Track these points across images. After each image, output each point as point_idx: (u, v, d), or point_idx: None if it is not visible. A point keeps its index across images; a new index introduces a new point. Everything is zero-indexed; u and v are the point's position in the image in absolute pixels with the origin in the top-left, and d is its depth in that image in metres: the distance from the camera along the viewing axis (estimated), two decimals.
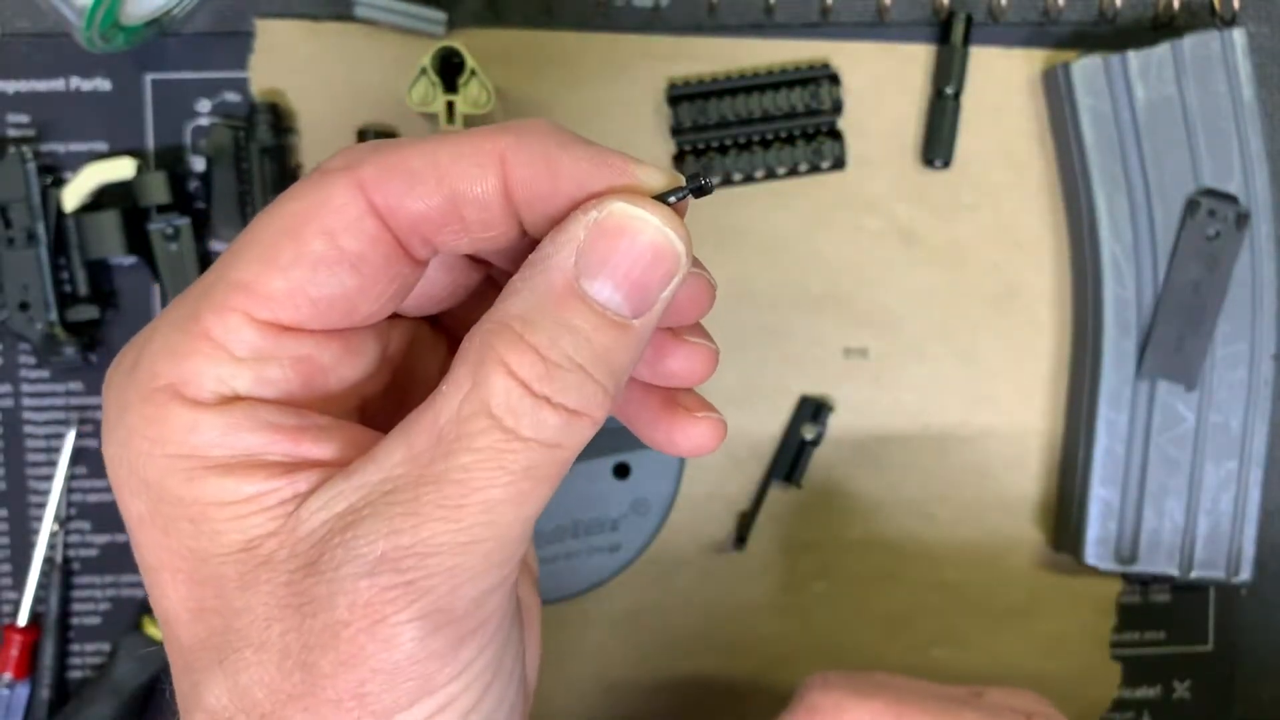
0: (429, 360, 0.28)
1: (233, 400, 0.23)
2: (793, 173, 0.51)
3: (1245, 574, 0.50)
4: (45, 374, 0.51)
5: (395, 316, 0.27)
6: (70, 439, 0.51)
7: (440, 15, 0.50)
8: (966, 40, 0.51)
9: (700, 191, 0.23)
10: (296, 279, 0.23)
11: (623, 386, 0.24)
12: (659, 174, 0.24)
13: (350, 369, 0.25)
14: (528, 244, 0.24)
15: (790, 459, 0.52)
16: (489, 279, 0.28)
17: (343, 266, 0.23)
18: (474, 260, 0.27)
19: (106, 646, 0.52)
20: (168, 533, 0.23)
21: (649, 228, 0.23)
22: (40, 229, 0.49)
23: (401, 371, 0.28)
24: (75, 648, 0.52)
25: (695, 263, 0.25)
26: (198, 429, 0.23)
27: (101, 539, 0.52)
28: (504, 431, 0.22)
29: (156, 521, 0.23)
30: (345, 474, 0.23)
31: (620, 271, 0.23)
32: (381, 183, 0.23)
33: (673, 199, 0.23)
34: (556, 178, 0.23)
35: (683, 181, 0.24)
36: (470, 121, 0.46)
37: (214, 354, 0.23)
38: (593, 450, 0.41)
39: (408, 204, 0.23)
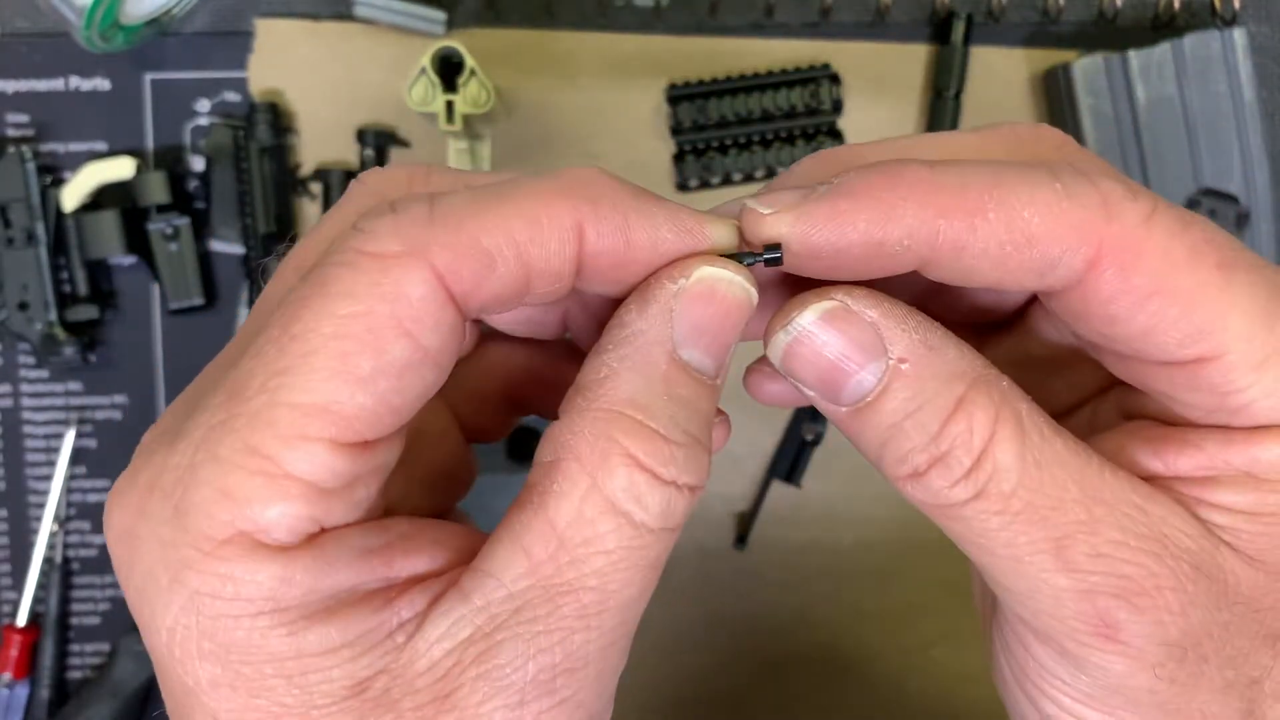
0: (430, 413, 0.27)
1: (320, 535, 0.21)
2: None
3: None
4: (45, 374, 0.51)
5: None
6: (70, 439, 0.51)
7: (440, 15, 0.50)
8: (966, 40, 0.51)
9: (771, 262, 0.22)
10: (382, 392, 0.20)
11: None
12: (727, 228, 0.22)
13: (401, 448, 0.23)
14: (582, 298, 0.24)
15: (790, 459, 0.52)
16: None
17: (427, 366, 0.21)
18: None
19: (106, 646, 0.52)
20: (256, 694, 0.20)
21: (736, 289, 0.22)
22: (40, 229, 0.49)
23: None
24: (75, 648, 0.52)
25: None
26: (290, 579, 0.20)
27: (101, 539, 0.52)
28: (634, 527, 0.21)
29: (239, 685, 0.20)
30: (461, 596, 0.21)
31: (711, 335, 0.22)
32: (458, 269, 0.20)
33: (747, 262, 0.22)
34: (632, 246, 0.22)
35: (743, 233, 0.23)
36: (470, 121, 0.46)
37: (299, 492, 0.20)
38: None
39: (486, 289, 0.21)
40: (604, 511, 0.21)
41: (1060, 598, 0.21)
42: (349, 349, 0.20)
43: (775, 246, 0.22)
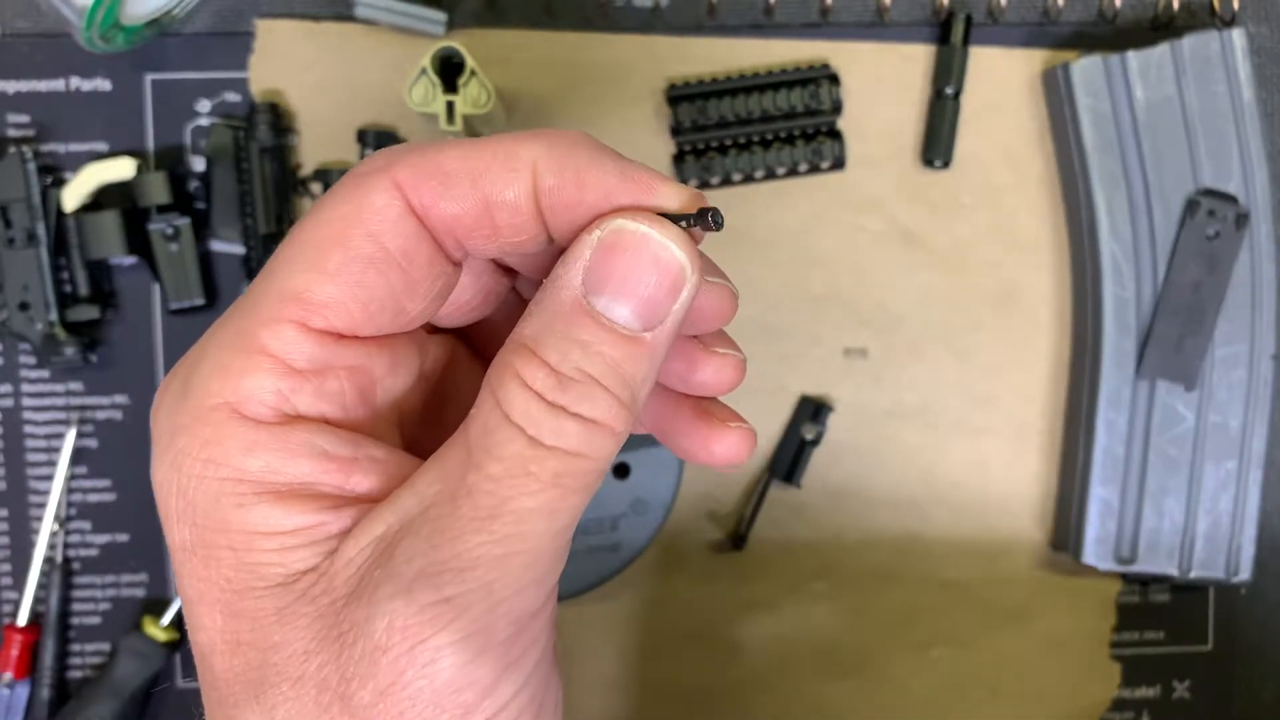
0: (464, 378, 0.28)
1: (293, 420, 0.23)
2: (793, 173, 0.52)
3: (1245, 574, 0.50)
4: (45, 374, 0.51)
5: (430, 330, 0.27)
6: (70, 439, 0.51)
7: (440, 15, 0.50)
8: (966, 40, 0.51)
9: (708, 227, 0.23)
10: (347, 282, 0.23)
11: (641, 398, 0.24)
12: (680, 192, 0.24)
13: (395, 380, 0.25)
14: (555, 251, 0.25)
15: (790, 459, 0.52)
16: (516, 291, 0.28)
17: (390, 266, 0.23)
18: (502, 267, 0.28)
19: (106, 646, 0.52)
20: (208, 564, 0.23)
21: (650, 243, 0.23)
22: (40, 229, 0.49)
23: (437, 388, 0.28)
24: (75, 647, 0.52)
25: (715, 270, 0.26)
26: (255, 450, 0.23)
27: (101, 539, 0.52)
28: (528, 440, 0.22)
29: (199, 551, 0.23)
30: (386, 504, 0.23)
31: (624, 285, 0.23)
32: (417, 184, 0.23)
33: (681, 224, 0.24)
34: (583, 189, 0.23)
35: (704, 199, 0.24)
36: (470, 121, 0.46)
37: (273, 368, 0.23)
38: None
39: (443, 205, 0.23)
40: (502, 423, 0.22)
41: None
42: (321, 246, 0.23)
43: (713, 209, 0.23)
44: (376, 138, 0.51)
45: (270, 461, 0.23)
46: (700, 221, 0.24)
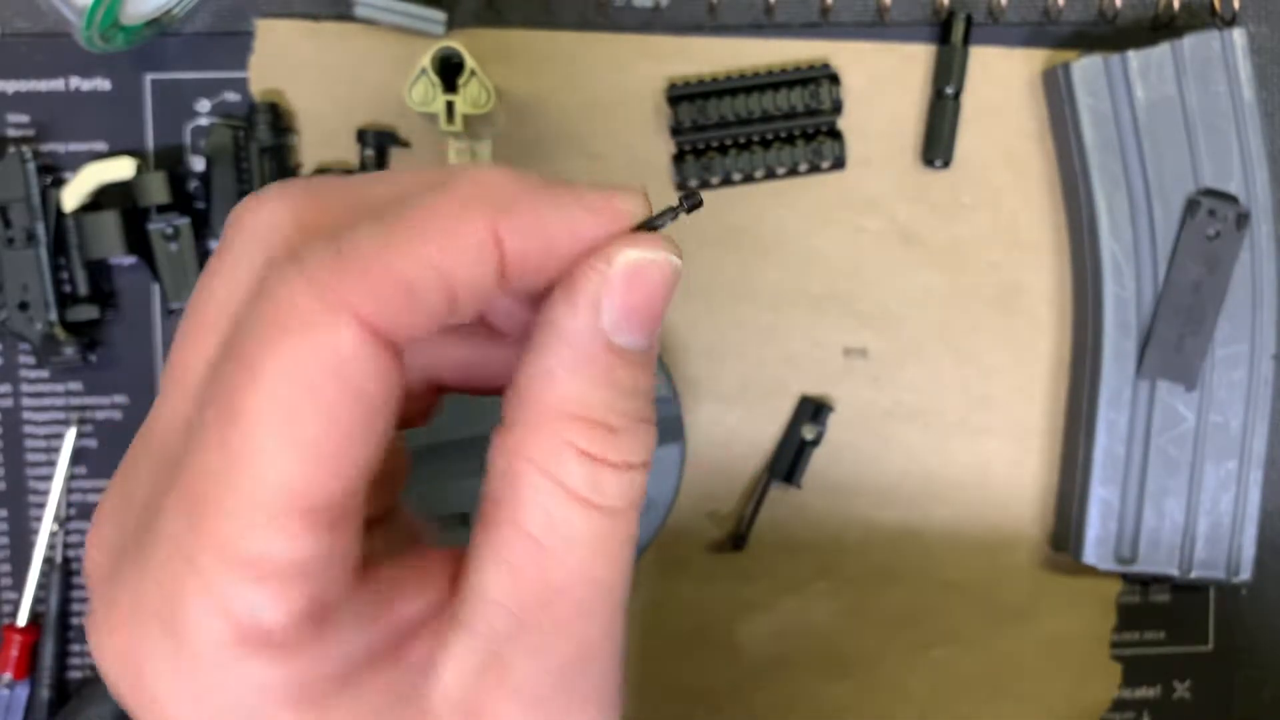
0: None
1: (319, 611, 0.20)
2: (793, 173, 0.51)
3: (1245, 574, 0.50)
4: (45, 374, 0.51)
5: None
6: (70, 439, 0.51)
7: (440, 15, 0.50)
8: (966, 40, 0.51)
9: (693, 207, 0.23)
10: (337, 455, 0.19)
11: None
12: (636, 199, 0.23)
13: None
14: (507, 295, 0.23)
15: (790, 459, 0.52)
16: None
17: (376, 414, 0.20)
18: None
19: None
20: None
21: (661, 266, 0.22)
22: (40, 229, 0.49)
23: None
24: (75, 648, 0.52)
25: None
26: (302, 665, 0.20)
27: None
28: (601, 511, 0.22)
29: None
30: (462, 627, 0.21)
31: (640, 315, 0.22)
32: (382, 310, 0.19)
33: (668, 220, 0.23)
34: (550, 240, 0.21)
35: (669, 200, 0.23)
36: (471, 121, 0.46)
37: (289, 576, 0.19)
38: None
39: (412, 321, 0.20)
40: (570, 506, 0.21)
41: None
42: (294, 420, 0.19)
43: (693, 192, 0.22)
44: (376, 137, 0.51)
45: (321, 665, 0.20)
46: (686, 208, 0.23)
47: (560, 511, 0.21)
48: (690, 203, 0.23)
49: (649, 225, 0.23)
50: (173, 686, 0.19)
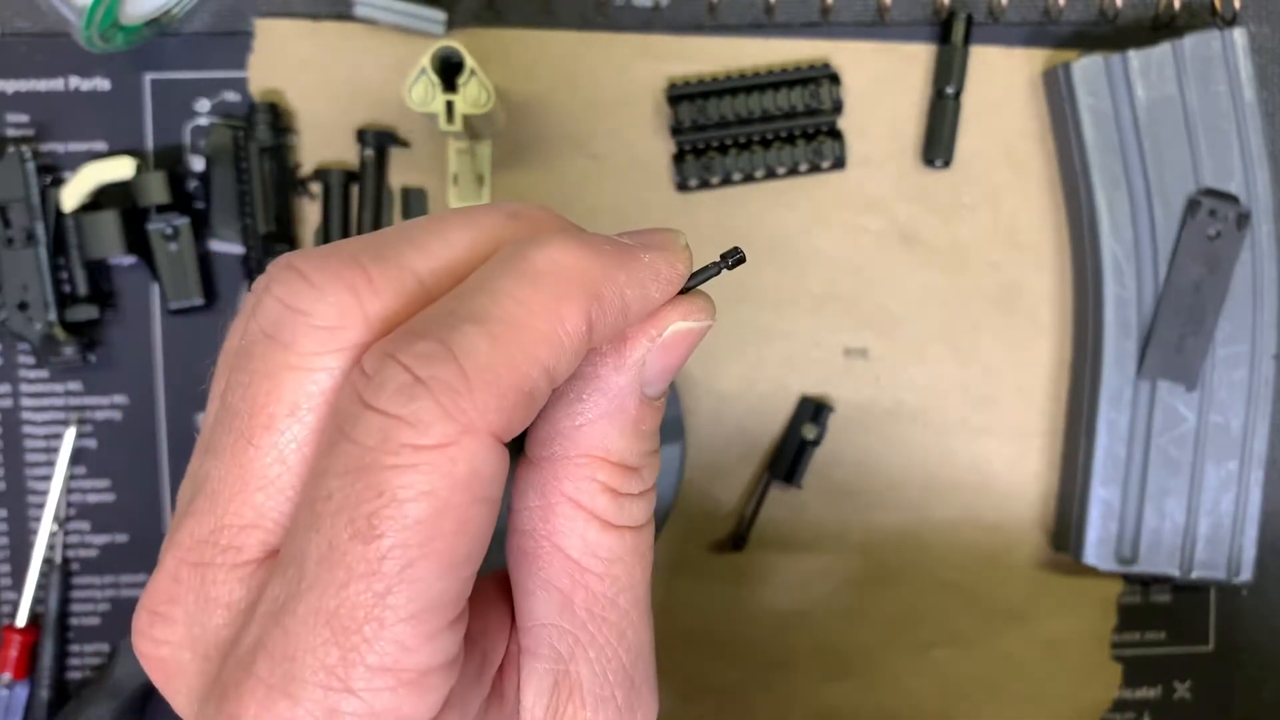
0: None
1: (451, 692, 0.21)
2: (793, 173, 0.51)
3: (1246, 574, 0.50)
4: (44, 374, 0.51)
5: None
6: (70, 439, 0.51)
7: (440, 15, 0.50)
8: (967, 40, 0.51)
9: (735, 264, 0.25)
10: (474, 560, 0.20)
11: None
12: (686, 258, 0.24)
13: None
14: None
15: (790, 459, 0.52)
16: None
17: (494, 507, 0.21)
18: None
19: (106, 647, 0.52)
20: None
21: (700, 331, 0.24)
22: (39, 229, 0.49)
23: None
24: (74, 648, 0.52)
25: None
26: None
27: (101, 539, 0.52)
28: (629, 531, 0.24)
29: None
30: (531, 656, 0.23)
31: (672, 371, 0.24)
32: (511, 422, 0.20)
33: (711, 275, 0.25)
34: (630, 319, 0.22)
35: (688, 251, 0.25)
36: (470, 121, 0.46)
37: (442, 680, 0.20)
38: None
39: (526, 421, 0.21)
40: (603, 531, 0.23)
41: None
42: (436, 538, 0.19)
43: (735, 250, 0.24)
44: (376, 137, 0.51)
45: None
46: (729, 266, 0.25)
47: (594, 536, 0.23)
48: (733, 260, 0.25)
49: (700, 273, 0.25)
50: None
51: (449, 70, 0.45)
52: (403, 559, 0.19)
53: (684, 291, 0.24)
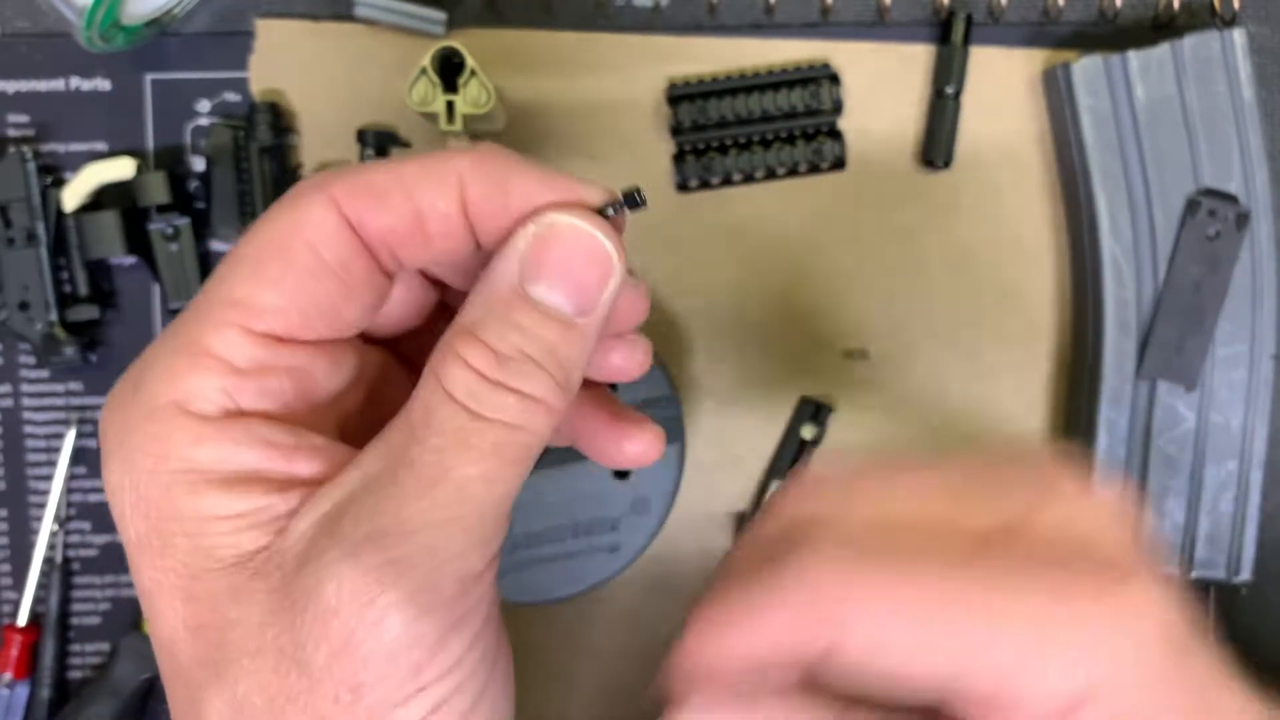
0: (396, 387, 0.30)
1: (235, 415, 0.24)
2: (793, 173, 0.51)
3: (1246, 574, 0.50)
4: (45, 374, 0.51)
5: (366, 340, 0.29)
6: (70, 439, 0.51)
7: (440, 15, 0.50)
8: (966, 40, 0.51)
9: (634, 205, 0.26)
10: (287, 290, 0.25)
11: (575, 382, 0.26)
12: (599, 191, 0.26)
13: (335, 381, 0.27)
14: (482, 258, 0.26)
15: (790, 459, 0.52)
16: (443, 304, 0.30)
17: (327, 275, 0.25)
18: (430, 281, 0.30)
19: (106, 646, 0.52)
20: (163, 552, 0.24)
21: (581, 233, 0.25)
22: (40, 229, 0.49)
23: (372, 396, 0.29)
24: (75, 648, 0.52)
25: (630, 272, 0.27)
26: (201, 443, 0.24)
27: (101, 539, 0.52)
28: (469, 414, 0.24)
29: (153, 541, 0.24)
30: (333, 482, 0.24)
31: (558, 273, 0.25)
32: (352, 198, 0.25)
33: (610, 212, 0.26)
34: (508, 196, 0.25)
35: (618, 195, 0.26)
36: (470, 121, 0.46)
37: (217, 368, 0.24)
38: None
39: (377, 217, 0.25)
40: (443, 400, 0.24)
41: None
42: (261, 258, 0.25)
43: (636, 189, 0.26)
44: (376, 137, 0.51)
45: (217, 452, 0.24)
46: (627, 205, 0.26)
47: (434, 403, 0.24)
48: (630, 200, 0.26)
49: (602, 210, 0.26)
50: (115, 433, 0.25)
51: (449, 70, 0.45)
52: (235, 259, 0.26)
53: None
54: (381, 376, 0.29)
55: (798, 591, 0.24)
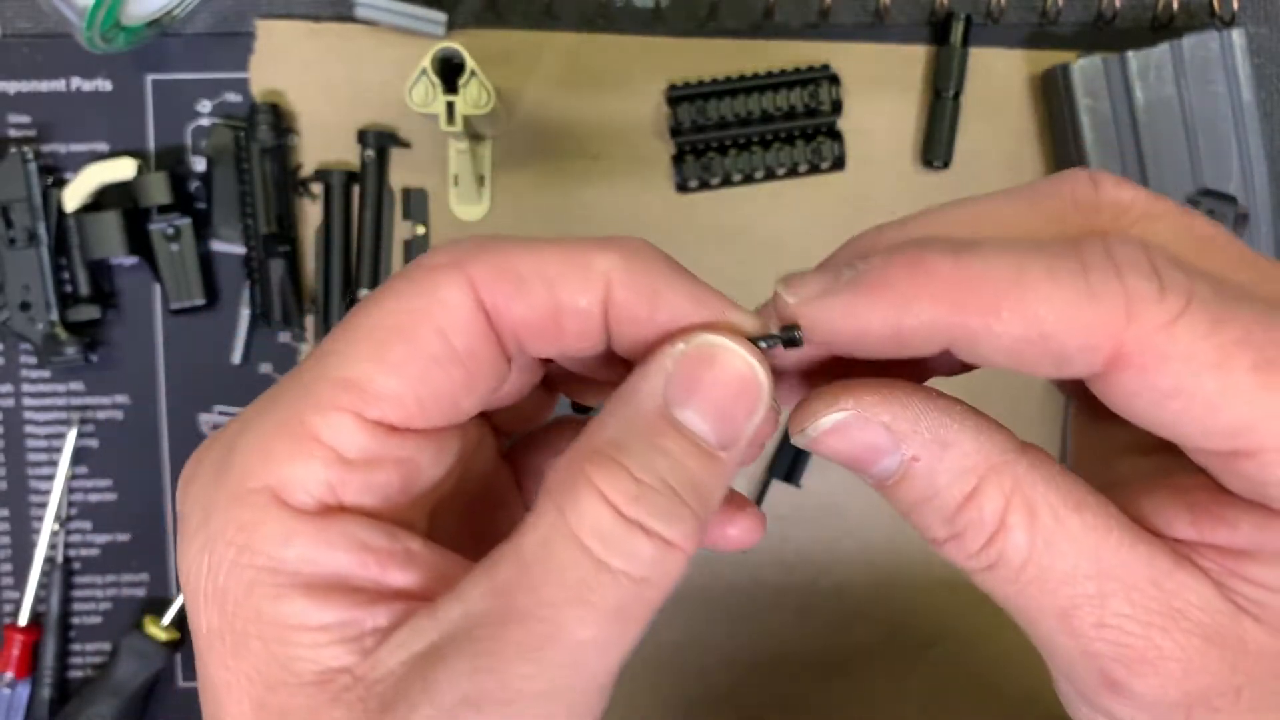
0: (484, 454, 0.28)
1: (333, 511, 0.22)
2: (793, 173, 0.52)
3: None
4: (46, 374, 0.52)
5: None
6: (71, 439, 0.51)
7: (440, 16, 0.50)
8: (965, 41, 0.51)
9: (790, 344, 0.24)
10: (409, 377, 0.22)
11: (708, 523, 0.23)
12: (750, 317, 0.24)
13: (437, 470, 0.24)
14: (606, 357, 0.25)
15: (790, 459, 0.52)
16: (545, 378, 0.28)
17: (453, 363, 0.23)
18: (538, 360, 0.27)
19: (107, 646, 0.52)
20: (237, 652, 0.22)
21: (735, 359, 0.23)
22: (41, 229, 0.49)
23: (464, 469, 0.27)
24: (76, 647, 0.52)
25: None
26: (292, 540, 0.22)
27: (102, 539, 0.52)
28: (593, 562, 0.21)
29: (227, 638, 0.22)
30: (429, 610, 0.22)
31: (708, 400, 0.23)
32: (491, 283, 0.23)
33: (763, 344, 0.24)
34: (655, 307, 0.23)
35: (773, 328, 0.24)
36: (471, 122, 0.46)
37: (321, 456, 0.22)
38: None
39: (515, 307, 0.23)
40: (566, 541, 0.21)
41: (1070, 654, 0.23)
42: (384, 337, 0.22)
43: (794, 328, 0.23)
44: (377, 138, 0.51)
45: (307, 552, 0.22)
46: (785, 344, 0.24)
47: (555, 542, 0.21)
48: (789, 337, 0.24)
49: (751, 340, 0.24)
50: (198, 508, 0.22)
51: (449, 71, 0.45)
52: (353, 334, 0.23)
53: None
54: (472, 447, 0.27)
55: (1132, 275, 0.20)
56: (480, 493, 0.27)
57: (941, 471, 0.23)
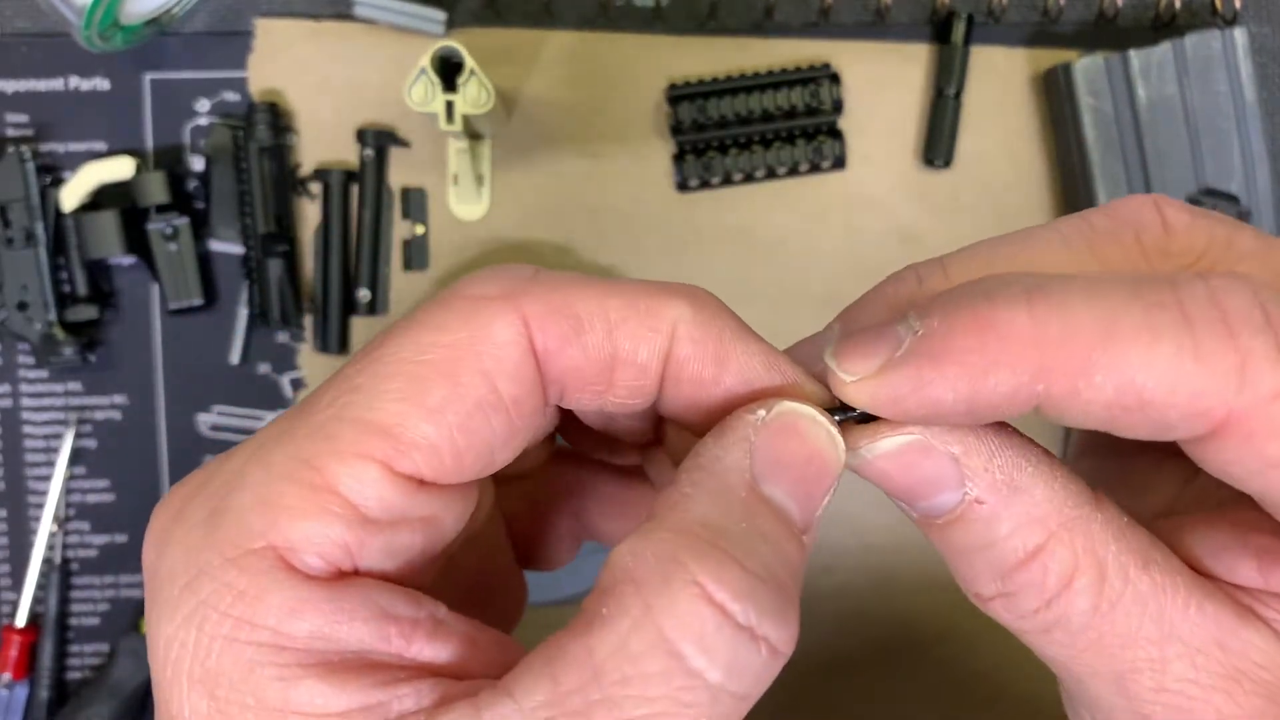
0: (486, 502, 0.25)
1: (347, 576, 0.19)
2: (793, 172, 0.51)
3: None
4: (44, 374, 0.51)
5: None
6: (69, 439, 0.51)
7: (440, 15, 0.50)
8: (967, 40, 0.51)
9: (865, 420, 0.21)
10: (447, 425, 0.19)
11: None
12: (822, 390, 0.21)
13: (459, 525, 0.21)
14: (647, 414, 0.22)
15: None
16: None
17: (496, 413, 0.20)
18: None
19: (105, 647, 0.52)
20: None
21: (820, 432, 0.20)
22: (39, 229, 0.49)
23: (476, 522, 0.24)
24: (74, 648, 0.52)
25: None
26: (302, 612, 0.18)
27: (100, 539, 0.52)
28: (688, 676, 0.17)
29: None
30: (471, 709, 0.18)
31: (794, 476, 0.20)
32: (546, 323, 0.20)
33: (838, 417, 0.21)
34: (723, 367, 0.21)
35: (836, 398, 0.21)
36: (470, 121, 0.46)
37: (342, 513, 0.19)
38: None
39: (569, 353, 0.20)
40: (654, 648, 0.17)
41: (1118, 712, 0.21)
42: (424, 375, 0.19)
43: (865, 415, 0.21)
44: (376, 137, 0.51)
45: (321, 625, 0.18)
46: (859, 420, 0.21)
47: (639, 648, 0.17)
48: (866, 414, 0.21)
49: (828, 410, 0.21)
50: (180, 569, 0.19)
51: (449, 70, 0.45)
52: (384, 368, 0.20)
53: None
54: (489, 498, 0.25)
55: (1239, 318, 0.18)
56: (471, 537, 0.24)
57: (1006, 519, 0.21)
